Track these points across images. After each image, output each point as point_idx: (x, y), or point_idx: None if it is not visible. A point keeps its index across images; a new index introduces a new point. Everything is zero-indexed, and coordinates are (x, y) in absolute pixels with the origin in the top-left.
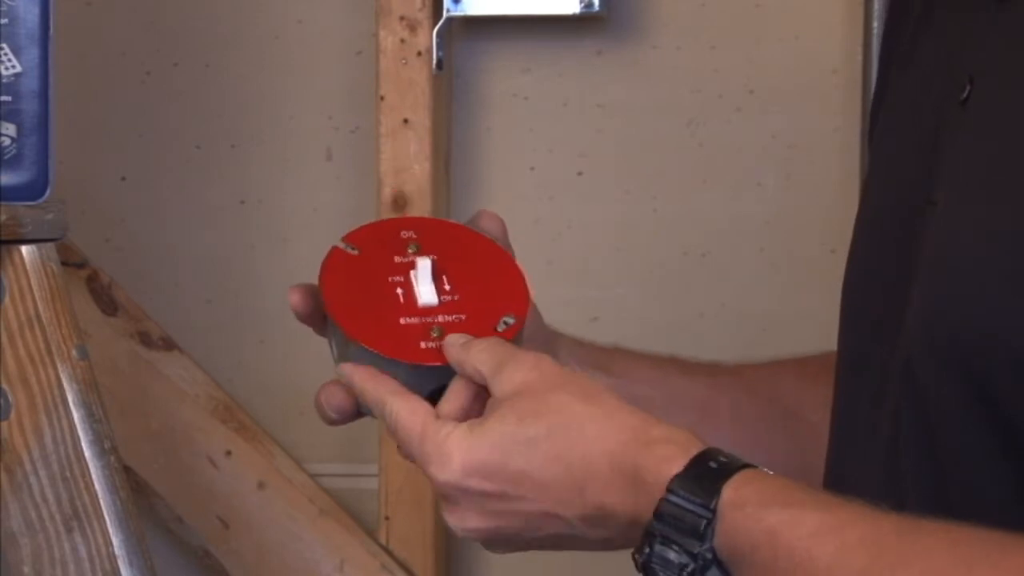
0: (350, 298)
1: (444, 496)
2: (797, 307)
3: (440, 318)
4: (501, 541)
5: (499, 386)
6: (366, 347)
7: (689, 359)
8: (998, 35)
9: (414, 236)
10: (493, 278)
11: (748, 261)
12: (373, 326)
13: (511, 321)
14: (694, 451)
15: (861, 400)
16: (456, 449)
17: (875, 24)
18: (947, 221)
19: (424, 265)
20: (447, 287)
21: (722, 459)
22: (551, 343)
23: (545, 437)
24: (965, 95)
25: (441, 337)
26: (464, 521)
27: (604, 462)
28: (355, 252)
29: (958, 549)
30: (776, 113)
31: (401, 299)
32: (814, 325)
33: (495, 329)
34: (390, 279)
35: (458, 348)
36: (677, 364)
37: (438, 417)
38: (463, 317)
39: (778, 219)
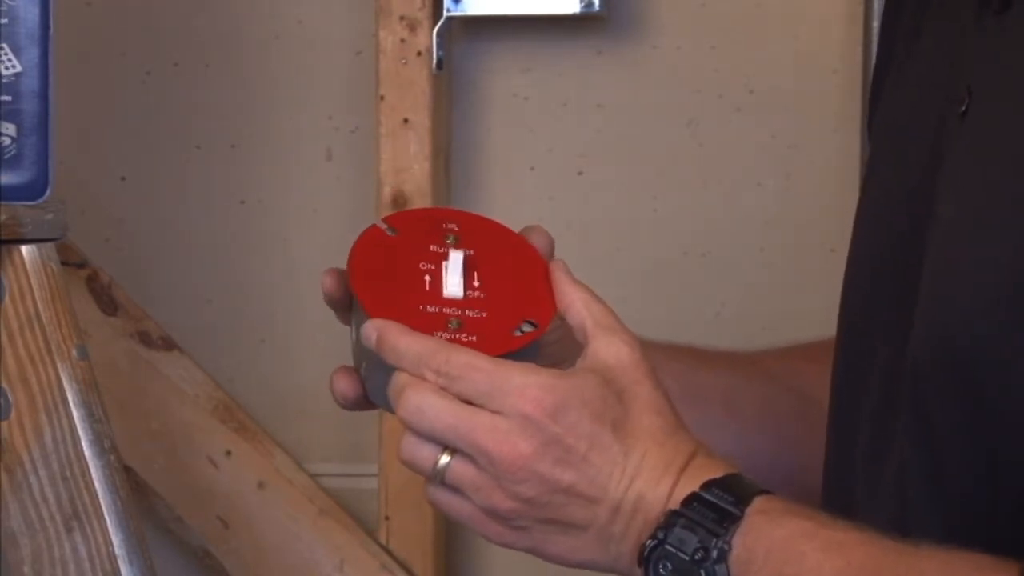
0: (376, 276)
1: (505, 430)
2: (797, 307)
3: (461, 312)
4: (526, 513)
5: (598, 348)
6: None
7: (707, 349)
8: (995, 47)
9: (455, 229)
10: (524, 283)
11: (748, 261)
12: (393, 307)
13: (529, 329)
14: (733, 470)
15: (862, 404)
16: (544, 386)
17: (875, 24)
18: (947, 237)
19: (456, 257)
20: (476, 283)
21: (757, 481)
22: (570, 337)
23: (621, 419)
24: (964, 108)
25: (458, 329)
26: (516, 449)
27: (660, 463)
28: (393, 233)
29: (952, 570)
30: (776, 113)
31: (427, 286)
32: (814, 325)
33: (512, 332)
34: (421, 266)
35: (571, 283)
36: (697, 356)
37: None
38: (484, 314)
39: (778, 219)
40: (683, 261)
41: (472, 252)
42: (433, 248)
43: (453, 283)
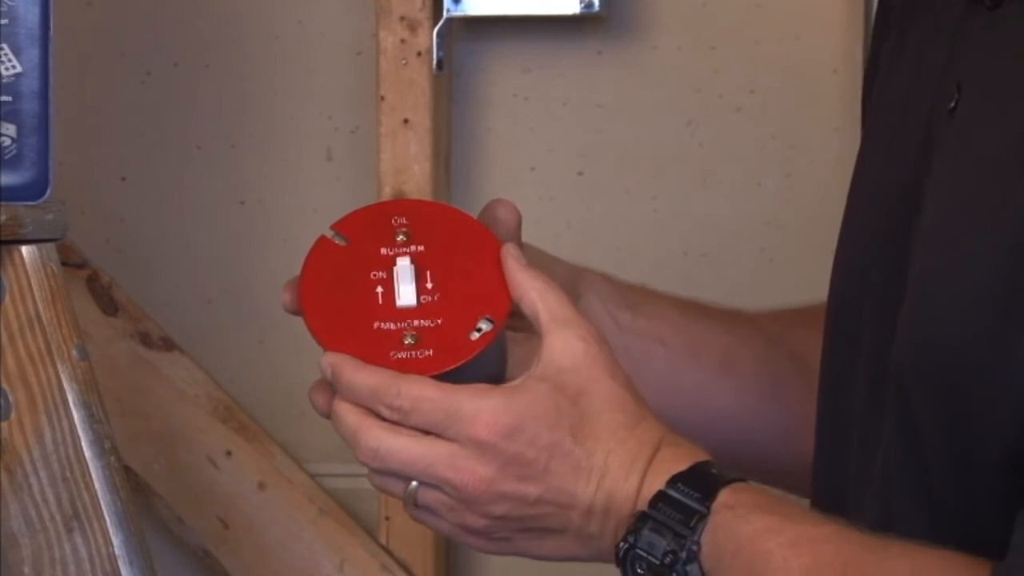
0: (328, 296)
1: (463, 457)
2: None
3: (416, 322)
4: (503, 527)
5: (552, 347)
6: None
7: (711, 304)
8: (986, 44)
9: (405, 223)
10: (479, 273)
11: (748, 261)
12: (345, 331)
13: (486, 327)
14: (699, 458)
15: (850, 402)
16: (495, 409)
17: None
18: (930, 236)
19: (404, 265)
20: (429, 285)
21: (723, 469)
22: (577, 281)
23: (579, 422)
24: (953, 104)
25: (415, 345)
26: (477, 474)
27: (625, 460)
28: (342, 242)
29: (920, 570)
30: (776, 113)
31: (380, 299)
32: None
33: (470, 335)
34: (372, 275)
35: (523, 270)
36: (700, 310)
37: None
38: (439, 321)
39: (778, 219)
40: (683, 261)
41: (423, 248)
42: (384, 251)
43: (406, 293)
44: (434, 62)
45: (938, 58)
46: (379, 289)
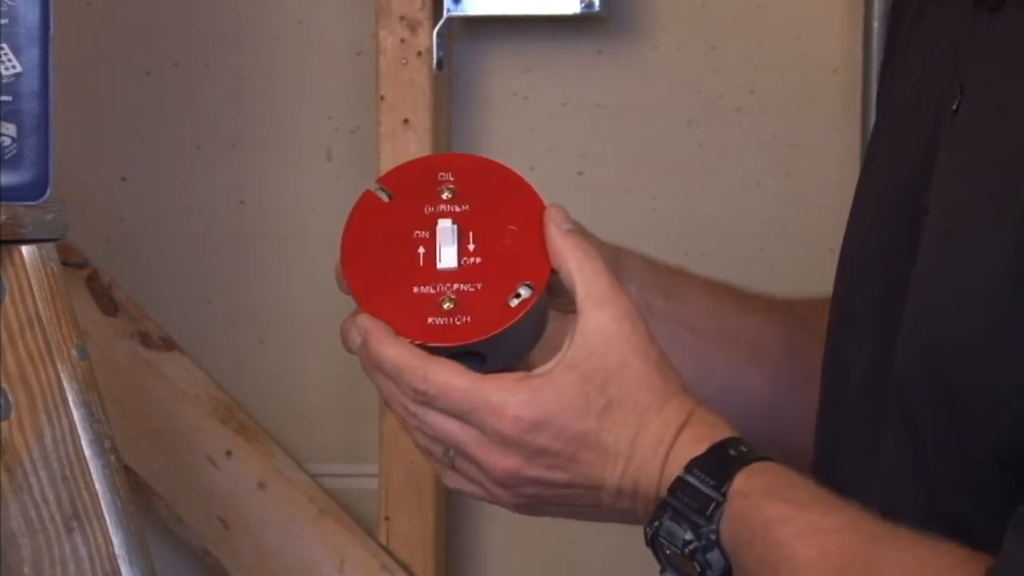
0: (369, 255)
1: (489, 444)
2: None
3: (455, 286)
4: (536, 502)
5: (585, 327)
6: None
7: (745, 290)
8: (988, 45)
9: (450, 179)
10: (522, 235)
11: (748, 261)
12: (384, 294)
13: (525, 294)
14: (719, 437)
15: (851, 403)
16: (521, 404)
17: (875, 24)
18: (931, 237)
19: (447, 227)
20: (471, 246)
21: (743, 448)
22: (616, 265)
23: (606, 408)
24: (956, 105)
25: (453, 310)
26: (504, 462)
27: (650, 442)
28: (386, 198)
29: (923, 566)
30: (776, 113)
31: (421, 260)
32: None
33: (508, 302)
34: (415, 234)
35: (563, 237)
36: (735, 296)
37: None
38: (479, 286)
39: (778, 219)
40: (683, 261)
41: (468, 206)
42: (428, 210)
43: (447, 255)
44: (434, 62)
45: (943, 58)
46: (421, 249)
